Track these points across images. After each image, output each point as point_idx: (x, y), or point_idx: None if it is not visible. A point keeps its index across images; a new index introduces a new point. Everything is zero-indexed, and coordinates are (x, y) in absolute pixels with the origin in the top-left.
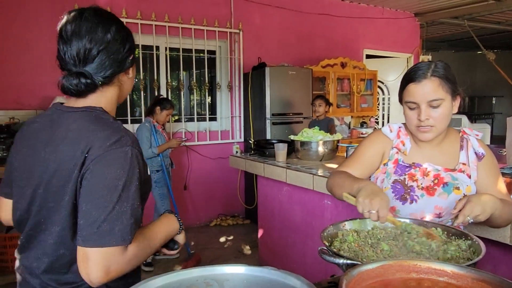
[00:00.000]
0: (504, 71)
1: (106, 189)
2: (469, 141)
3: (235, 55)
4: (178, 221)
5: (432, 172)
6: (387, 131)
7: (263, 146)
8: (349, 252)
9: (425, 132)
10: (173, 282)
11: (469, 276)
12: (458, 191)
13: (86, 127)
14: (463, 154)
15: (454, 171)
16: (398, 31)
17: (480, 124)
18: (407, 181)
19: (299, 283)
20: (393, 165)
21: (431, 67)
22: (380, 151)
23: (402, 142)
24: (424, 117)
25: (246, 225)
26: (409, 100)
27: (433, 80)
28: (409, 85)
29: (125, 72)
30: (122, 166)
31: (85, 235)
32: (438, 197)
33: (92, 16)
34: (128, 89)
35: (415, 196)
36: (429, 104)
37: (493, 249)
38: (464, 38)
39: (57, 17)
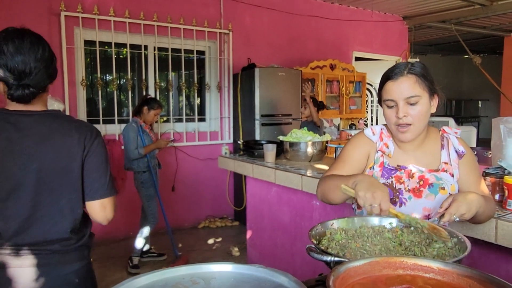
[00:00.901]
0: (490, 75)
1: (104, 163)
2: (449, 139)
3: (224, 55)
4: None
5: (417, 174)
6: (370, 134)
7: (252, 146)
8: (336, 250)
9: (404, 132)
10: (159, 281)
11: (455, 272)
12: (444, 191)
13: (69, 123)
14: (445, 153)
15: (438, 171)
16: (386, 34)
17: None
18: (395, 184)
19: (286, 280)
20: (379, 168)
21: (408, 65)
22: (365, 153)
23: (385, 145)
24: (402, 114)
25: (234, 227)
26: (387, 98)
27: (410, 77)
28: (387, 83)
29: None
30: (105, 147)
31: (101, 192)
32: (426, 199)
33: (31, 36)
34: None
35: (403, 198)
36: (407, 101)
37: (478, 248)
38: (451, 42)
39: (42, 17)
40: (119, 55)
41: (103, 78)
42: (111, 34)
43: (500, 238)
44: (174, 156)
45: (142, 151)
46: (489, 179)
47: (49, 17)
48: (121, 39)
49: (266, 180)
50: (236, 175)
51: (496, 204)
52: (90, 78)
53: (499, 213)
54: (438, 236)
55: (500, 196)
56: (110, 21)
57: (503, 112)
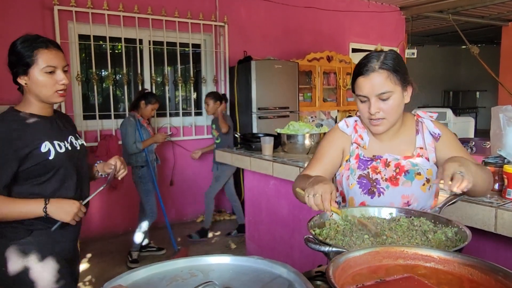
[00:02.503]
0: (487, 65)
1: None
2: (424, 123)
3: (220, 48)
4: (44, 209)
5: (392, 162)
6: (344, 127)
7: (250, 139)
8: (336, 240)
9: (376, 125)
10: (157, 273)
11: (456, 261)
12: (420, 176)
13: None
14: (419, 138)
15: (413, 157)
16: (383, 25)
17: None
18: (371, 175)
19: (285, 271)
20: (355, 160)
21: (380, 59)
22: (339, 148)
23: (360, 136)
24: (374, 111)
25: (233, 220)
26: (359, 93)
27: (381, 73)
28: (359, 78)
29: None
30: None
31: None
32: (403, 186)
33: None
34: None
35: (381, 188)
36: (379, 97)
37: (478, 237)
38: (449, 33)
39: (35, 11)
40: (114, 50)
41: (98, 73)
42: (106, 28)
43: (499, 227)
44: (172, 150)
45: (140, 146)
46: (489, 168)
47: (42, 11)
48: (115, 33)
49: (264, 173)
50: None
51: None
52: (85, 74)
53: (499, 202)
54: (368, 230)
55: (500, 185)
56: (104, 14)
57: (501, 102)
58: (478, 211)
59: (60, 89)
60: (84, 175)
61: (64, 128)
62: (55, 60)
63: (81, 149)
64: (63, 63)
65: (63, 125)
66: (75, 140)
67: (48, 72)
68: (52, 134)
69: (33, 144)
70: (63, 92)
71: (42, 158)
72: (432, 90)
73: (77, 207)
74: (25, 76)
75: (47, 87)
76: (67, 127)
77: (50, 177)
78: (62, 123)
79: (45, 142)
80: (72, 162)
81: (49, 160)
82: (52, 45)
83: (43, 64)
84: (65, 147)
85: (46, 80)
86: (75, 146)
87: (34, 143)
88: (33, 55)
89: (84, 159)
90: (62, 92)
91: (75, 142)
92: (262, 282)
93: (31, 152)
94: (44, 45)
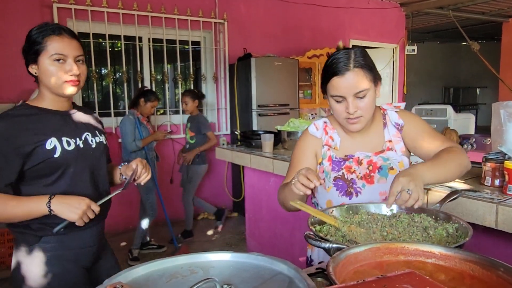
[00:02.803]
0: (488, 61)
1: None
2: (388, 115)
3: (220, 46)
4: (47, 204)
5: (364, 160)
6: (314, 130)
7: (250, 137)
8: (336, 236)
9: (354, 123)
10: (157, 270)
11: (457, 257)
12: (393, 170)
13: None
14: (387, 131)
15: (383, 152)
16: (383, 21)
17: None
18: (346, 175)
19: (286, 268)
20: (328, 163)
21: (352, 57)
22: (312, 153)
23: (331, 138)
24: (352, 110)
25: (233, 218)
26: (335, 94)
27: (357, 72)
28: (333, 78)
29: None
30: None
31: None
32: (378, 183)
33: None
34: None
35: (357, 188)
36: (356, 96)
37: (479, 233)
38: (449, 29)
39: (34, 8)
40: (113, 48)
41: (98, 71)
42: (105, 25)
43: (500, 224)
44: (172, 148)
45: (139, 144)
46: (489, 165)
47: (41, 9)
48: (114, 30)
49: (264, 170)
50: (234, 166)
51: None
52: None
53: (500, 198)
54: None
55: (500, 181)
56: (104, 12)
57: (501, 99)
58: (479, 207)
59: (70, 79)
60: (100, 176)
61: (81, 124)
62: (66, 48)
63: (97, 148)
64: (75, 53)
65: (81, 121)
66: (92, 138)
67: (56, 60)
68: (62, 130)
69: (38, 140)
70: (74, 83)
71: (47, 155)
72: (432, 86)
73: (86, 204)
74: (34, 65)
75: (56, 76)
76: (86, 124)
77: (58, 177)
78: (80, 119)
79: (51, 139)
80: (84, 161)
81: (54, 158)
82: (65, 33)
83: (52, 52)
84: (75, 145)
85: (54, 69)
86: (89, 143)
87: (39, 139)
88: (43, 42)
89: (102, 158)
90: (72, 83)
91: (90, 139)
92: (263, 279)
93: (35, 149)
94: (56, 32)
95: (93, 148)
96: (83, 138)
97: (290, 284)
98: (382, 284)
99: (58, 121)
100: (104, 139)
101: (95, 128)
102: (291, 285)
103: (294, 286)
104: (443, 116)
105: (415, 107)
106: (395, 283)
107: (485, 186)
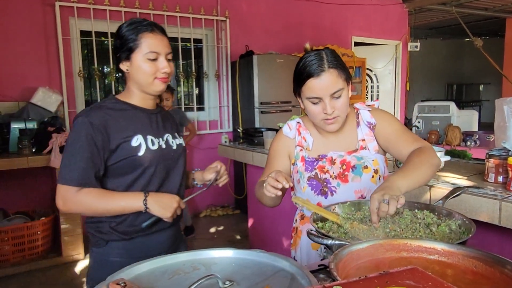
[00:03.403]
0: (491, 57)
1: (65, 148)
2: (360, 115)
3: (222, 43)
4: (143, 201)
5: (338, 159)
6: (287, 131)
7: (252, 134)
8: (339, 233)
9: (332, 123)
10: (160, 267)
11: (460, 254)
12: (367, 169)
13: None
14: (360, 130)
15: (357, 151)
16: (386, 18)
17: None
18: (320, 175)
19: (288, 264)
20: (301, 163)
21: (325, 57)
22: (286, 154)
23: (303, 138)
24: (330, 110)
25: (236, 215)
26: (312, 95)
27: (332, 72)
28: (309, 80)
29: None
30: (73, 132)
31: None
32: (353, 182)
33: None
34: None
35: (332, 187)
36: (332, 96)
37: (482, 230)
38: (452, 25)
39: (36, 7)
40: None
41: (100, 69)
42: (107, 23)
43: (504, 220)
44: None
45: None
46: (493, 161)
47: (43, 8)
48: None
49: None
50: (236, 163)
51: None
52: (88, 70)
53: (503, 195)
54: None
55: (504, 177)
56: (106, 10)
57: (505, 95)
58: (482, 204)
59: (161, 76)
60: (175, 179)
61: (163, 125)
62: (159, 46)
63: (177, 150)
64: (167, 50)
65: (164, 121)
66: (172, 139)
67: (151, 59)
68: (148, 128)
69: (125, 136)
70: (164, 80)
71: (131, 152)
72: (435, 83)
73: (176, 201)
74: (127, 62)
75: (148, 74)
76: (166, 125)
77: (137, 176)
78: (163, 119)
79: (137, 136)
80: (163, 162)
81: (138, 156)
82: (157, 29)
83: (146, 50)
84: (158, 145)
85: (147, 66)
86: (170, 145)
87: (127, 135)
88: (137, 39)
89: (180, 160)
90: (162, 80)
91: (172, 141)
92: (265, 275)
93: (121, 144)
94: (149, 29)
95: (174, 149)
96: (165, 139)
97: (292, 280)
98: (384, 280)
99: (145, 119)
100: (183, 141)
101: (175, 130)
102: (293, 281)
103: (296, 282)
104: (446, 113)
105: (418, 104)
106: (397, 279)
107: (489, 183)
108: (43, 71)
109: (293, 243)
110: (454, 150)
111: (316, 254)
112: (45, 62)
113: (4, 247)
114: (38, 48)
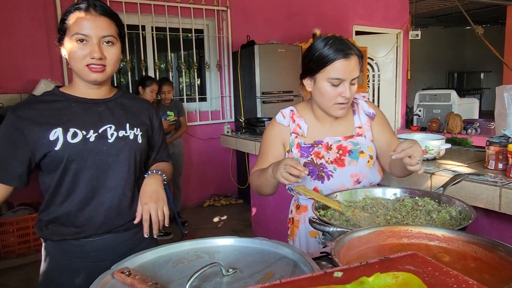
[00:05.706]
0: (492, 45)
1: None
2: (359, 104)
3: (223, 33)
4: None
5: (334, 144)
6: (281, 119)
7: (254, 124)
8: (341, 221)
9: (343, 108)
10: (164, 256)
11: (460, 239)
12: (363, 154)
13: None
14: (357, 118)
15: (353, 137)
16: (387, 6)
17: (468, 99)
18: (316, 160)
19: (290, 252)
20: (297, 150)
21: (350, 44)
22: (280, 142)
23: (298, 125)
24: (349, 94)
25: (239, 205)
26: (336, 76)
27: (355, 58)
28: (338, 61)
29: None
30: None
31: None
32: (349, 166)
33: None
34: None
35: (328, 172)
36: (351, 82)
37: (482, 217)
38: (453, 13)
39: (35, 1)
40: None
41: None
42: None
43: (504, 206)
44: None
45: None
46: (493, 148)
47: (44, 1)
48: None
49: None
50: (239, 153)
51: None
52: None
53: (503, 182)
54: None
55: (504, 164)
56: (106, 1)
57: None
58: (483, 191)
59: (91, 63)
60: (116, 176)
61: (109, 115)
62: (88, 27)
63: (115, 143)
64: (101, 33)
65: (113, 111)
66: (114, 131)
67: (79, 41)
68: (75, 120)
69: (43, 129)
70: (96, 69)
71: (49, 147)
72: (436, 71)
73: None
74: (62, 46)
75: (76, 59)
76: (117, 115)
77: (61, 174)
78: (113, 108)
79: (56, 129)
80: (93, 157)
81: (55, 151)
82: (93, 9)
83: (73, 31)
84: (82, 137)
85: (75, 51)
86: (106, 137)
87: (46, 128)
88: (67, 19)
89: (122, 155)
90: (94, 68)
91: (111, 133)
92: (268, 263)
93: (39, 139)
94: (82, 8)
95: (109, 143)
96: (100, 131)
97: (294, 267)
98: (384, 265)
99: (79, 110)
100: (140, 133)
101: (131, 119)
102: (296, 268)
103: (298, 269)
104: (447, 101)
105: (419, 92)
106: (397, 264)
107: (489, 170)
108: (45, 63)
109: (290, 234)
110: (455, 138)
111: (314, 241)
112: (47, 54)
113: (9, 238)
114: (39, 40)
